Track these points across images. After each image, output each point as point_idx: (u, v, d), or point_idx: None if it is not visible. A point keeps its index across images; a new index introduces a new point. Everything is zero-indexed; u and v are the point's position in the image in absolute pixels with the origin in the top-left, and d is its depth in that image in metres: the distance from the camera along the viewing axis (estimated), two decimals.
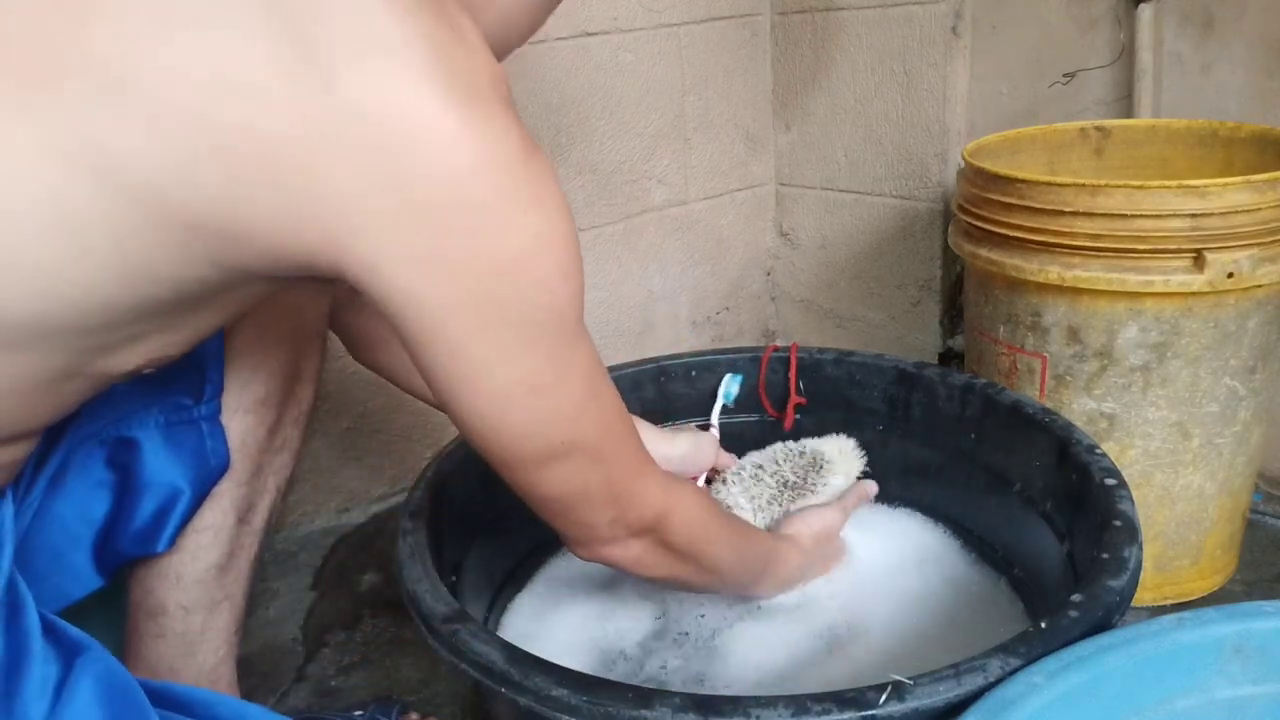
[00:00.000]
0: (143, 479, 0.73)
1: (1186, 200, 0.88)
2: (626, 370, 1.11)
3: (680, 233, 1.56)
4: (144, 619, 0.79)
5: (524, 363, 0.54)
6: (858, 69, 1.47)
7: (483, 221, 0.49)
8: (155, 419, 0.74)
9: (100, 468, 0.73)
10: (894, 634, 0.91)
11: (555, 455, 0.59)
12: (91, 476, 0.73)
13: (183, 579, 0.78)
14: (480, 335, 0.52)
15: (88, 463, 0.72)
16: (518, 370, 0.54)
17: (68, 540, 0.72)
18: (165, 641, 0.79)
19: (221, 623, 0.81)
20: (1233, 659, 0.60)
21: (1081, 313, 0.95)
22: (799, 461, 1.01)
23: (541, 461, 0.60)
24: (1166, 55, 1.19)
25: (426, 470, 0.90)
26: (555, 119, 1.36)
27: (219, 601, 0.80)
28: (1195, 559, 1.04)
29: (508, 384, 0.55)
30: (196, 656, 0.80)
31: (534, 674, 0.62)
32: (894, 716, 0.57)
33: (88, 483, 0.72)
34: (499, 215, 0.50)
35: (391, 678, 1.03)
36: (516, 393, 0.55)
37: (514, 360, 0.54)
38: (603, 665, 0.89)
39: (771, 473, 1.00)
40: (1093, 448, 0.84)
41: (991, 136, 1.13)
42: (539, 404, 0.56)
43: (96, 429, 0.73)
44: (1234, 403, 0.96)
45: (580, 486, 0.62)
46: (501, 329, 0.52)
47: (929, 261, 1.47)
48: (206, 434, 0.76)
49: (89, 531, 0.72)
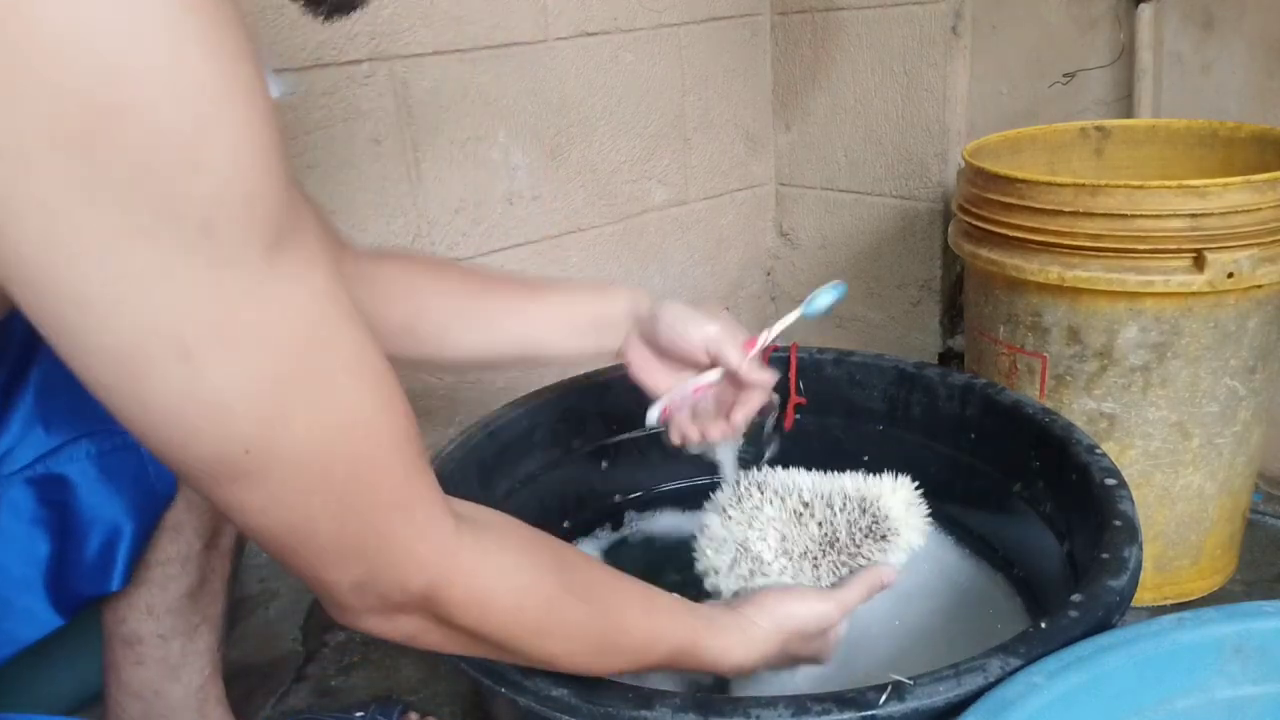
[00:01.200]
0: (81, 516, 0.68)
1: (1186, 200, 0.88)
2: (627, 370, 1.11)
3: (680, 233, 1.56)
4: (121, 647, 0.77)
5: (156, 301, 0.35)
6: (858, 69, 1.46)
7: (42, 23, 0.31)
8: (85, 450, 0.67)
9: (33, 506, 0.67)
10: (894, 634, 0.91)
11: (241, 473, 0.40)
12: (25, 516, 0.67)
13: (155, 609, 0.76)
14: (77, 232, 0.34)
15: (19, 503, 0.66)
16: (147, 313, 0.36)
17: (9, 584, 0.66)
18: (146, 668, 0.78)
19: (202, 645, 0.80)
20: (1233, 659, 0.60)
21: (1081, 313, 0.95)
22: (856, 518, 0.80)
23: (220, 478, 0.41)
24: (1166, 55, 1.19)
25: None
26: (555, 119, 1.36)
27: (196, 625, 0.79)
28: (1195, 559, 1.04)
29: (136, 338, 0.36)
30: (181, 679, 0.79)
31: (534, 674, 0.62)
32: (894, 716, 0.57)
33: (23, 522, 0.66)
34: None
35: (391, 678, 1.03)
36: (154, 354, 0.36)
37: (139, 295, 0.35)
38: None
39: (820, 520, 0.80)
40: (1093, 448, 0.84)
41: (991, 136, 1.13)
42: (196, 381, 0.37)
43: (21, 467, 0.66)
44: (1234, 403, 0.96)
45: (295, 526, 0.43)
46: (107, 227, 0.34)
47: (929, 261, 1.47)
48: (147, 459, 0.68)
49: (36, 572, 0.67)
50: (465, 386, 1.35)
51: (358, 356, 0.43)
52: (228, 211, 0.36)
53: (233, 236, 0.36)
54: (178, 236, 0.35)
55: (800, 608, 0.69)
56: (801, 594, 0.71)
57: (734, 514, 0.81)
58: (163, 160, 0.34)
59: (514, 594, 0.52)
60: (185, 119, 0.34)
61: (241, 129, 0.36)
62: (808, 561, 0.78)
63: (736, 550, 0.79)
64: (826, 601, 0.71)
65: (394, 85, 1.19)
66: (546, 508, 1.07)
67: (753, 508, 0.81)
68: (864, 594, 0.74)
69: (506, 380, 1.38)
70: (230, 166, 0.35)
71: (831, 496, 0.81)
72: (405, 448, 0.46)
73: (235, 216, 0.36)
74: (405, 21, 1.18)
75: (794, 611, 0.69)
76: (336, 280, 0.42)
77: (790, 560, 0.77)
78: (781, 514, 0.80)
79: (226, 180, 0.35)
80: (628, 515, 1.14)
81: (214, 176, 0.35)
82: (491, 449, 0.98)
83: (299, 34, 1.11)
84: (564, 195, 1.40)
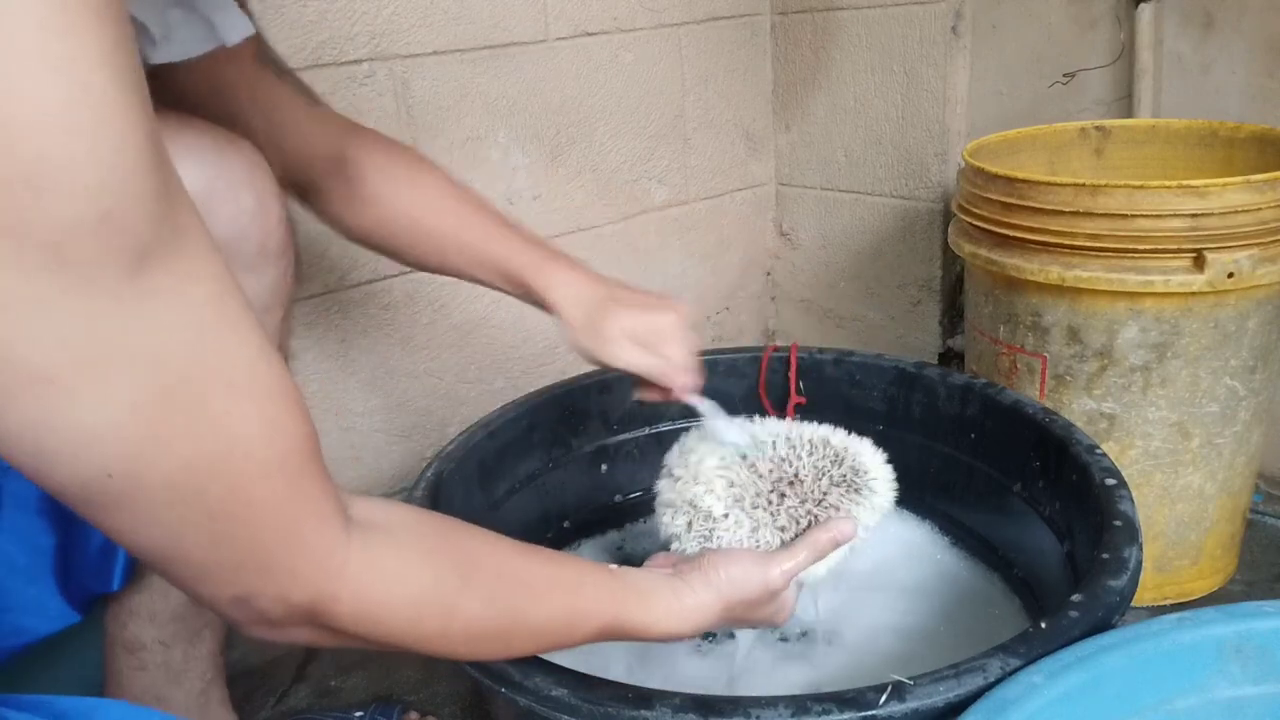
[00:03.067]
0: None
1: (1186, 200, 0.88)
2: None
3: (680, 233, 1.56)
4: (122, 653, 0.77)
5: (7, 328, 0.34)
6: (858, 69, 1.46)
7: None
8: None
9: (38, 496, 0.66)
10: (894, 634, 0.91)
11: (106, 498, 0.39)
12: (30, 507, 0.66)
13: (157, 616, 0.76)
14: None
15: (22, 493, 0.66)
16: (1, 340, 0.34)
17: (15, 574, 0.66)
18: (148, 673, 0.77)
19: (204, 650, 0.79)
20: (1233, 659, 0.60)
21: (1081, 313, 0.95)
22: (828, 466, 0.77)
23: (84, 502, 0.39)
24: (1166, 55, 1.19)
25: (426, 470, 0.90)
26: (555, 119, 1.36)
27: (198, 631, 0.78)
28: (1195, 559, 1.04)
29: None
30: (183, 685, 0.79)
31: (534, 674, 0.62)
32: (894, 716, 0.57)
33: (27, 513, 0.66)
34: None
35: (391, 678, 1.03)
36: (6, 383, 0.35)
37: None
38: (602, 665, 0.89)
39: (774, 460, 0.76)
40: (1093, 448, 0.84)
41: (991, 136, 1.13)
42: (54, 409, 0.36)
43: None
44: (1234, 403, 0.96)
45: (166, 548, 0.42)
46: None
47: (929, 261, 1.47)
48: None
49: (43, 564, 0.67)
50: (465, 386, 1.35)
51: (240, 374, 0.41)
52: (80, 233, 0.34)
53: (86, 258, 0.34)
54: (26, 261, 0.33)
55: (739, 573, 0.67)
56: (744, 558, 0.69)
57: (680, 472, 0.78)
58: (3, 182, 0.32)
59: (409, 603, 0.51)
60: (27, 140, 0.32)
61: (92, 147, 0.34)
62: (762, 510, 0.74)
63: (689, 511, 0.76)
64: (770, 567, 0.69)
65: (394, 85, 1.19)
66: (546, 508, 1.07)
67: (697, 462, 0.77)
68: (813, 555, 0.72)
69: (506, 381, 1.38)
70: (80, 186, 0.33)
71: (799, 440, 0.78)
72: (291, 465, 0.43)
73: (88, 238, 0.34)
74: (405, 21, 1.18)
75: (734, 577, 0.67)
76: (225, 289, 0.40)
77: (744, 510, 0.74)
78: (726, 461, 0.76)
79: (76, 201, 0.34)
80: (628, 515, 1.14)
81: (61, 198, 0.33)
82: (491, 449, 0.98)
83: (299, 34, 1.11)
84: (564, 195, 1.40)
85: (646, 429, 1.13)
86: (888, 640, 0.90)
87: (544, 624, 0.59)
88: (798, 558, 0.71)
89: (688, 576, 0.67)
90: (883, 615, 0.94)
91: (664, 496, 0.79)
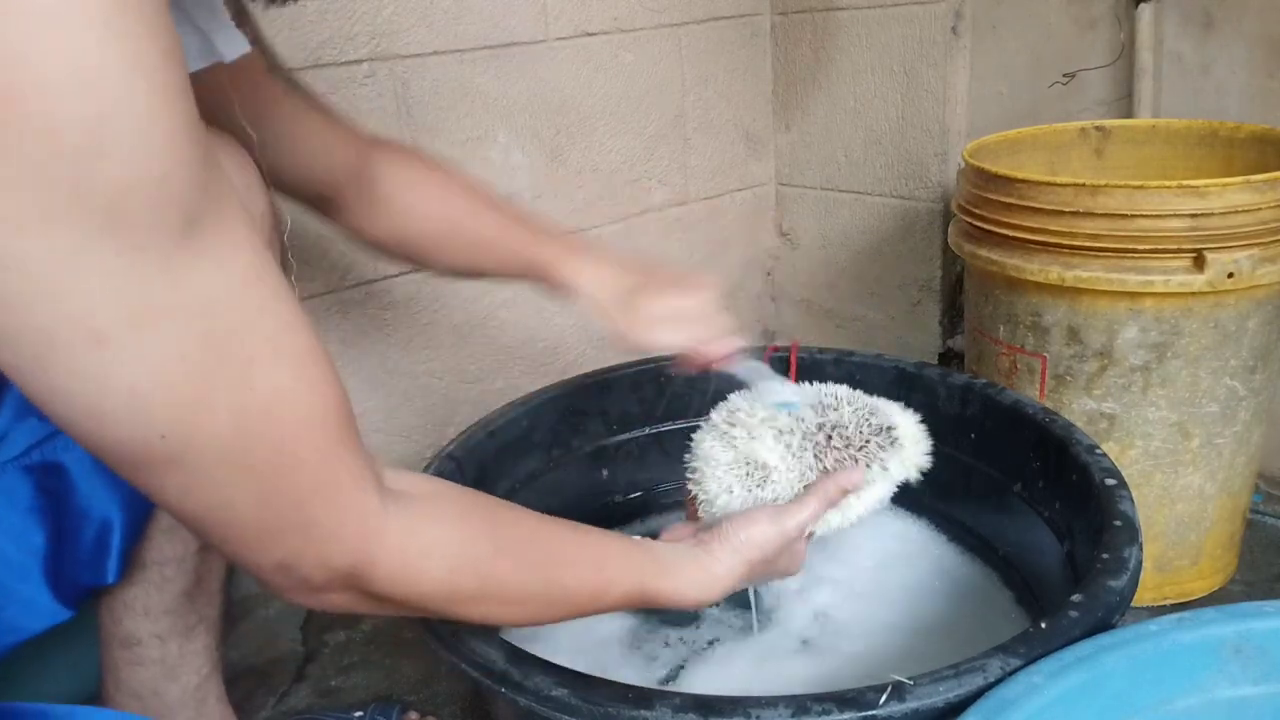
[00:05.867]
0: (75, 506, 0.68)
1: (1186, 200, 0.88)
2: (626, 370, 1.11)
3: (680, 233, 1.56)
4: (118, 648, 0.77)
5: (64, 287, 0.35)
6: (858, 69, 1.46)
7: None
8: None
9: (30, 494, 0.67)
10: (893, 633, 0.91)
11: (158, 459, 0.41)
12: (21, 504, 0.67)
13: (151, 610, 0.76)
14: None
15: (16, 490, 0.67)
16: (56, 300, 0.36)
17: (9, 571, 0.67)
18: (144, 668, 0.78)
19: (199, 644, 0.80)
20: (1233, 659, 0.60)
21: (1081, 313, 0.95)
22: (866, 416, 0.80)
23: (136, 463, 0.41)
24: (1166, 55, 1.19)
25: (426, 470, 0.90)
26: (555, 119, 1.36)
27: (193, 626, 0.79)
28: (1195, 559, 1.04)
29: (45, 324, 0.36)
30: (179, 679, 0.79)
31: (534, 674, 0.62)
32: (894, 716, 0.57)
33: (18, 510, 0.66)
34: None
35: (391, 678, 1.03)
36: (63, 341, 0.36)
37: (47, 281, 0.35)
38: (602, 665, 0.89)
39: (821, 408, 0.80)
40: (1093, 448, 0.84)
41: (991, 136, 1.13)
42: (108, 368, 0.37)
43: (19, 454, 0.66)
44: (1234, 403, 0.96)
45: (215, 510, 0.44)
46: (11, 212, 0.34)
47: (929, 261, 1.47)
48: None
49: (35, 561, 0.67)
50: (465, 386, 1.35)
51: (282, 337, 0.43)
52: (136, 196, 0.36)
53: (142, 221, 0.36)
54: (85, 222, 0.35)
55: (758, 532, 0.70)
56: (759, 517, 0.71)
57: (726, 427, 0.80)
58: (66, 145, 0.33)
59: (446, 567, 0.52)
60: (88, 105, 0.33)
61: (148, 113, 0.35)
62: (808, 453, 0.77)
63: (739, 464, 0.78)
64: (784, 521, 0.72)
65: (394, 85, 1.19)
66: (546, 508, 1.07)
67: (745, 416, 0.80)
68: (823, 504, 0.75)
69: (506, 381, 1.38)
70: (136, 151, 0.35)
71: (835, 396, 0.81)
72: (330, 427, 0.45)
73: (144, 201, 0.36)
74: (405, 21, 1.18)
75: (753, 537, 0.70)
76: (263, 259, 0.42)
77: (794, 455, 0.77)
78: (773, 413, 0.79)
79: (133, 165, 0.35)
80: (628, 516, 1.14)
81: (119, 161, 0.35)
82: (491, 449, 0.98)
83: (299, 34, 1.11)
84: (564, 195, 1.40)
85: (646, 429, 1.13)
86: (887, 640, 0.90)
87: (574, 589, 0.61)
88: (810, 508, 0.73)
89: (710, 545, 0.69)
90: (883, 615, 0.94)
91: (704, 449, 0.80)
